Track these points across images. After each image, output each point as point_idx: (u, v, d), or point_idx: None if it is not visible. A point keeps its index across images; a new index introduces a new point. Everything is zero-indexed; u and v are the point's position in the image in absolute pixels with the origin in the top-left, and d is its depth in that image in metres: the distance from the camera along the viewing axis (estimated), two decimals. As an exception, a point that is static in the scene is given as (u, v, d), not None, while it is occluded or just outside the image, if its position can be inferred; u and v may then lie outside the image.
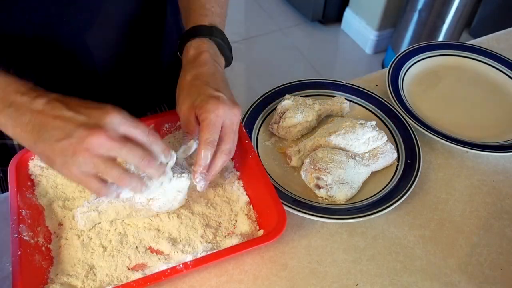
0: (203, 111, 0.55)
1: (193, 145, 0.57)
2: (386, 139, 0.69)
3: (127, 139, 0.47)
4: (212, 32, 0.63)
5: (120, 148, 0.46)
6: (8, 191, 0.58)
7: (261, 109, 0.76)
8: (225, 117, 0.55)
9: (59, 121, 0.46)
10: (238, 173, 0.66)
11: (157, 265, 0.56)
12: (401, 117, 0.75)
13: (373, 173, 0.68)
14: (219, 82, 0.58)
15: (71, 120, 0.46)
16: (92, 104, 0.47)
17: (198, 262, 0.52)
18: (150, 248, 0.58)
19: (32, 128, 0.46)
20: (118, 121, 0.46)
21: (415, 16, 2.02)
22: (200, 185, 0.57)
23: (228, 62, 0.66)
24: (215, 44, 0.63)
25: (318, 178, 0.63)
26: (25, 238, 0.54)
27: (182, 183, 0.56)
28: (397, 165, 0.69)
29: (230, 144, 0.57)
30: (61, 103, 0.47)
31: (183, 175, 0.56)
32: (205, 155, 0.55)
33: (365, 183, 0.67)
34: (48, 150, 0.47)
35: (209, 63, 0.60)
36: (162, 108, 0.85)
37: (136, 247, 0.57)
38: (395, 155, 0.69)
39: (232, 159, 0.67)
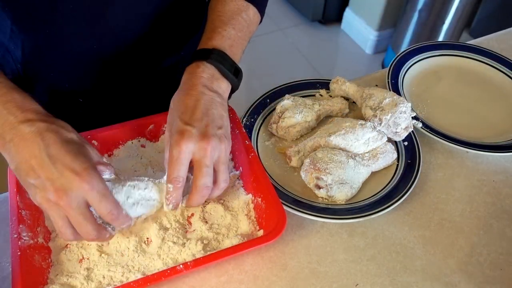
0: (169, 146, 0.54)
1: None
2: (386, 139, 0.69)
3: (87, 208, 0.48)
4: (209, 55, 0.60)
5: (73, 219, 0.48)
6: (8, 191, 0.58)
7: (261, 109, 0.76)
8: (192, 152, 0.53)
9: (33, 162, 0.46)
10: (238, 173, 0.66)
11: (157, 265, 0.56)
12: (401, 117, 0.75)
13: (373, 173, 0.68)
14: (197, 113, 0.55)
15: (42, 168, 0.46)
16: (71, 159, 0.47)
17: (198, 262, 0.52)
18: (148, 248, 0.58)
19: (9, 150, 0.48)
20: (84, 193, 0.47)
21: (415, 16, 2.02)
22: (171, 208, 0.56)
23: (234, 84, 0.63)
24: (214, 67, 0.59)
25: (318, 178, 0.63)
26: (24, 238, 0.54)
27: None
28: (397, 165, 0.69)
29: (203, 179, 0.53)
30: (44, 142, 0.47)
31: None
32: (171, 192, 0.54)
33: (365, 183, 0.67)
34: (17, 174, 0.49)
35: (194, 91, 0.57)
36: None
37: (136, 247, 0.57)
38: (395, 155, 0.69)
39: (232, 159, 0.67)
